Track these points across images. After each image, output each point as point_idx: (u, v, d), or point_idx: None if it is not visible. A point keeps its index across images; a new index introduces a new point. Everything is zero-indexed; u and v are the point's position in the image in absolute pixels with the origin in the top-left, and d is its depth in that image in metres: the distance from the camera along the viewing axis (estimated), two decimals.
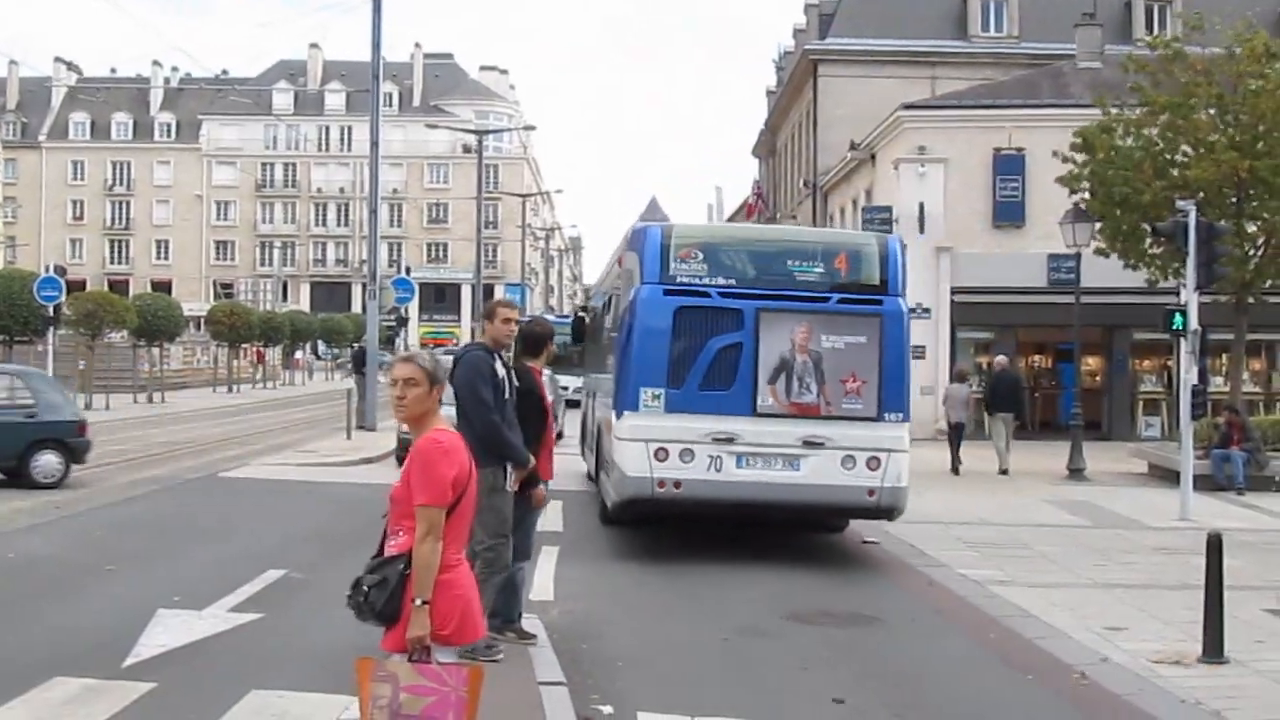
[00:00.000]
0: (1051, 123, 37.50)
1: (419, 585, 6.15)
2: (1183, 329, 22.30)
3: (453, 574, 6.30)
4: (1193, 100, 28.01)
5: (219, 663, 10.80)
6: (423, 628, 6.14)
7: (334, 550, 16.64)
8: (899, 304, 17.24)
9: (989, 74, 49.91)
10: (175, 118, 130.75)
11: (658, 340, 16.76)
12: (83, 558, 15.45)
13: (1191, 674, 10.97)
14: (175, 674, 10.28)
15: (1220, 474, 26.24)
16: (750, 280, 17.10)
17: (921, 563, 17.10)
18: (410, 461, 6.37)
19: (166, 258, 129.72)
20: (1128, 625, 12.95)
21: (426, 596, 6.15)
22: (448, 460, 6.27)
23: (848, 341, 16.88)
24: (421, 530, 6.17)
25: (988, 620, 13.48)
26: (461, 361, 10.92)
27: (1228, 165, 27.01)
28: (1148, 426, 40.22)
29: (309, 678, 10.24)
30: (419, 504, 6.23)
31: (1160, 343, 36.24)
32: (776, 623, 13.18)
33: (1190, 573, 13.92)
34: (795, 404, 16.85)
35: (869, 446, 16.86)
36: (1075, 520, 22.03)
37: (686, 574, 16.09)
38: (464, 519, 6.44)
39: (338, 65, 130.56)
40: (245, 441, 34.51)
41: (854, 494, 16.99)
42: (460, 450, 6.39)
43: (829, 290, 17.10)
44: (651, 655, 11.52)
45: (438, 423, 6.47)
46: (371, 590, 6.31)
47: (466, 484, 6.36)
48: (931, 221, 40.15)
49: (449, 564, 6.28)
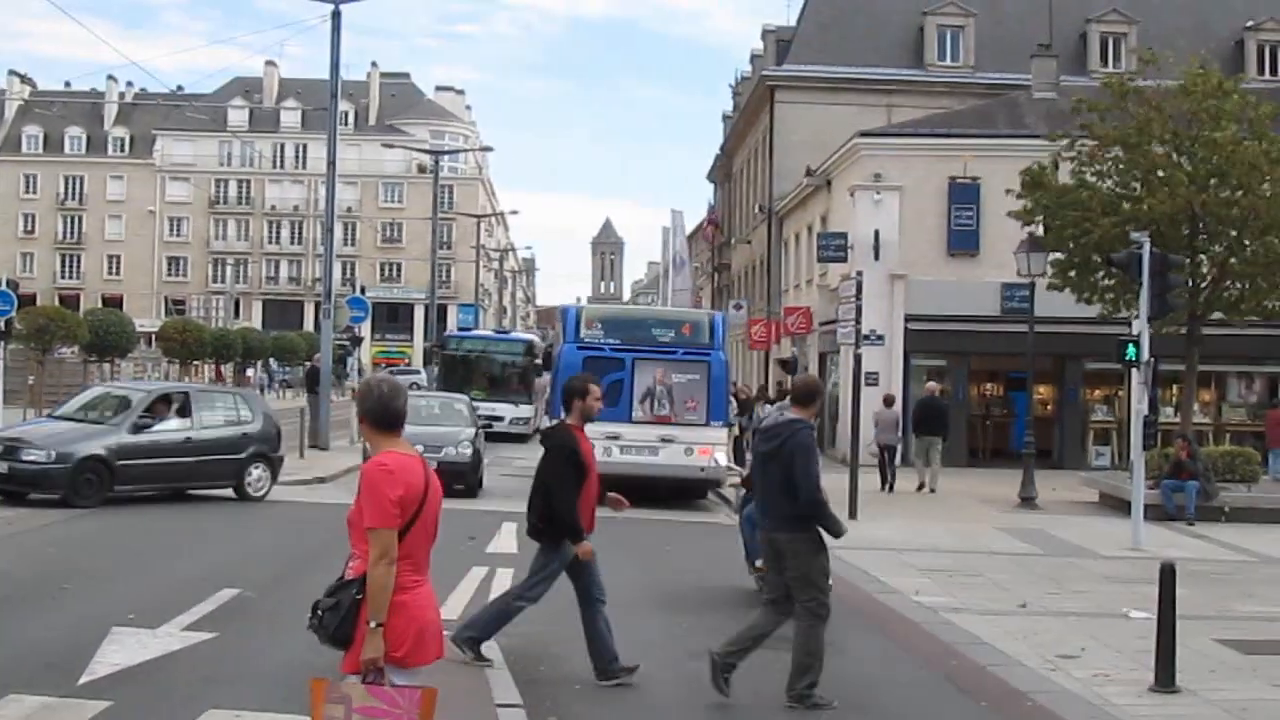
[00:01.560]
0: (1007, 152, 37.66)
1: (373, 608, 6.20)
2: (1135, 359, 22.43)
3: (408, 595, 6.32)
4: (1147, 134, 28.23)
5: (175, 681, 10.76)
6: (375, 650, 6.18)
7: (288, 569, 16.65)
8: (720, 355, 28.24)
9: (945, 103, 50.18)
10: (129, 133, 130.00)
11: (561, 380, 22.63)
12: (36, 575, 15.33)
13: (1144, 703, 11.06)
14: (131, 692, 10.23)
15: (1170, 504, 26.36)
16: (629, 341, 27.83)
17: (875, 589, 17.17)
18: (359, 485, 6.43)
19: (118, 273, 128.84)
20: (1079, 653, 13.03)
21: (381, 619, 6.19)
22: (391, 481, 6.30)
23: (688, 378, 27.50)
24: (374, 553, 6.21)
25: (941, 647, 13.55)
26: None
27: (1182, 199, 27.24)
28: (1098, 455, 40.42)
29: (265, 697, 10.23)
30: (368, 526, 6.28)
31: (1112, 372, 36.49)
32: None
33: (1142, 601, 14.04)
34: (656, 416, 27.30)
35: (701, 441, 27.14)
36: (1027, 548, 22.15)
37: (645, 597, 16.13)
38: (420, 540, 6.44)
39: (294, 83, 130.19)
40: None
41: (691, 471, 27.33)
42: (408, 471, 6.40)
43: (676, 347, 27.92)
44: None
45: (389, 445, 6.52)
46: (325, 614, 6.38)
47: (419, 505, 6.38)
48: (886, 249, 40.24)
49: (404, 585, 6.30)
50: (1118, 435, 39.56)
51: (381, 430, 6.59)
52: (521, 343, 53.73)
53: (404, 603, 6.28)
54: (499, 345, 52.86)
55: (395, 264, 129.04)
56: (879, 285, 38.18)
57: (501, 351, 51.33)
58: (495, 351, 51.49)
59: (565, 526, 11.48)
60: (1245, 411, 41.28)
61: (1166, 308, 23.01)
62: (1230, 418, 40.91)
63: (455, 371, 48.02)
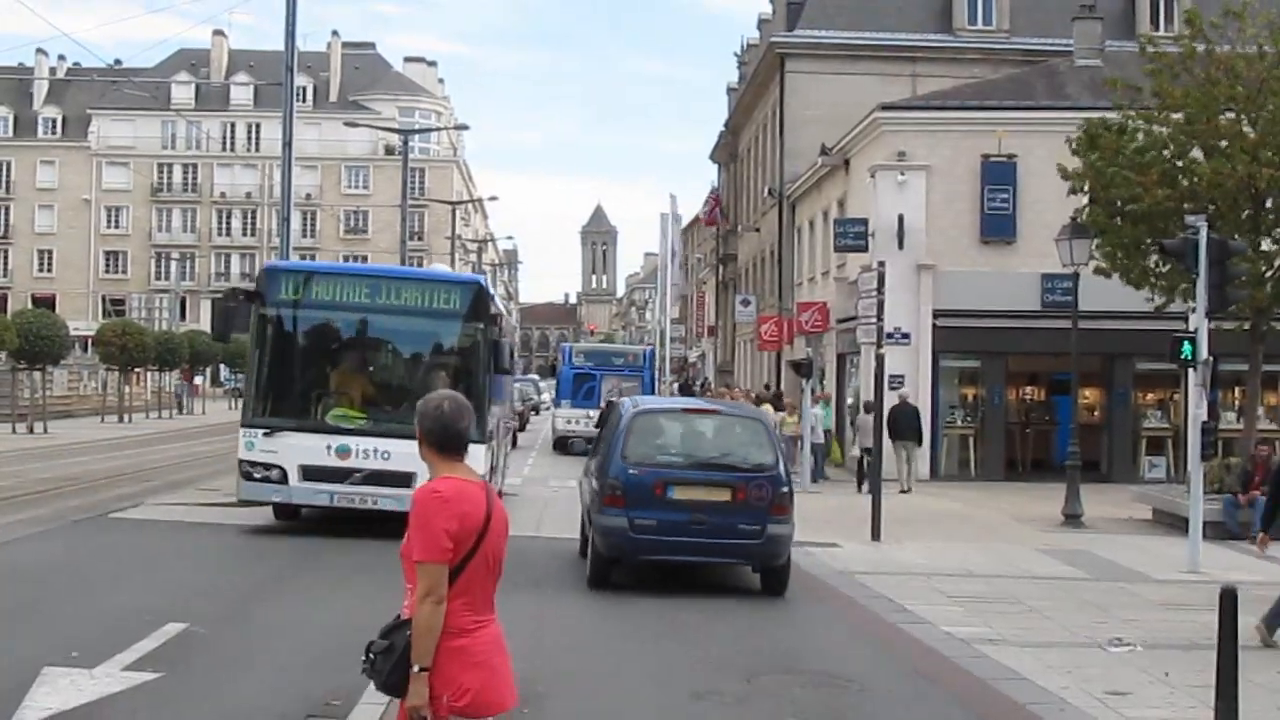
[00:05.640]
0: (1046, 127, 37.70)
1: (417, 650, 6.23)
2: (1192, 359, 22.37)
3: (469, 639, 6.35)
4: (1213, 99, 28.13)
5: None
6: (420, 697, 6.22)
7: (240, 601, 16.64)
8: (647, 373, 54.76)
9: (976, 72, 50.24)
10: (61, 113, 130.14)
11: (566, 385, 53.86)
12: None
13: None
14: None
15: (1233, 521, 26.31)
16: (599, 364, 54.74)
17: (901, 619, 17.17)
18: (410, 514, 6.42)
19: (50, 270, 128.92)
20: (1132, 690, 13.04)
21: (425, 663, 6.22)
22: (444, 511, 6.30)
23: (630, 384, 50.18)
24: (421, 590, 6.24)
25: (975, 683, 13.55)
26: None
27: (1243, 171, 27.11)
28: (1152, 467, 40.40)
29: None
30: (416, 560, 6.30)
31: (1166, 374, 36.49)
32: (739, 684, 13.22)
33: (1200, 631, 14.04)
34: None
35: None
36: (1072, 572, 22.15)
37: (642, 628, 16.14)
38: (479, 576, 6.44)
39: (245, 55, 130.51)
40: (140, 478, 34.33)
41: None
42: (466, 499, 6.40)
43: (624, 367, 54.78)
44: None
45: (449, 470, 6.54)
46: (378, 657, 6.40)
47: (478, 538, 6.37)
48: (912, 236, 40.21)
49: (464, 628, 6.34)
50: (1173, 445, 39.59)
51: (440, 453, 6.59)
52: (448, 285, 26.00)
53: (463, 647, 6.31)
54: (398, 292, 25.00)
55: (360, 256, 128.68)
56: (904, 277, 38.19)
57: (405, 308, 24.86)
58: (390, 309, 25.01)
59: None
60: None
61: (1227, 301, 22.95)
62: None
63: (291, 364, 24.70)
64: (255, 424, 22.85)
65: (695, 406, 25.52)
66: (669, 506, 18.67)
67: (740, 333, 71.21)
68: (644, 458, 19.27)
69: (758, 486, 18.95)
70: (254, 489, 22.84)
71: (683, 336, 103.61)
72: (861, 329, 28.67)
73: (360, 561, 19.65)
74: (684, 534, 18.61)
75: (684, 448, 20.04)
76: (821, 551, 23.49)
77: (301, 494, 22.61)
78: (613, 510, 18.80)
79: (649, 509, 18.64)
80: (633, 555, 19.19)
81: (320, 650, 13.90)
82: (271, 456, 22.39)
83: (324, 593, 17.32)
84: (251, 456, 22.54)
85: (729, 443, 20.22)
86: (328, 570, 18.87)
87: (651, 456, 19.43)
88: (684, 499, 18.73)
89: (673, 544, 18.78)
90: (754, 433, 20.42)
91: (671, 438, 20.31)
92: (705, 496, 18.82)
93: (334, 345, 24.32)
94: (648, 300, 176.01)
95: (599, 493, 19.31)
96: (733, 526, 18.72)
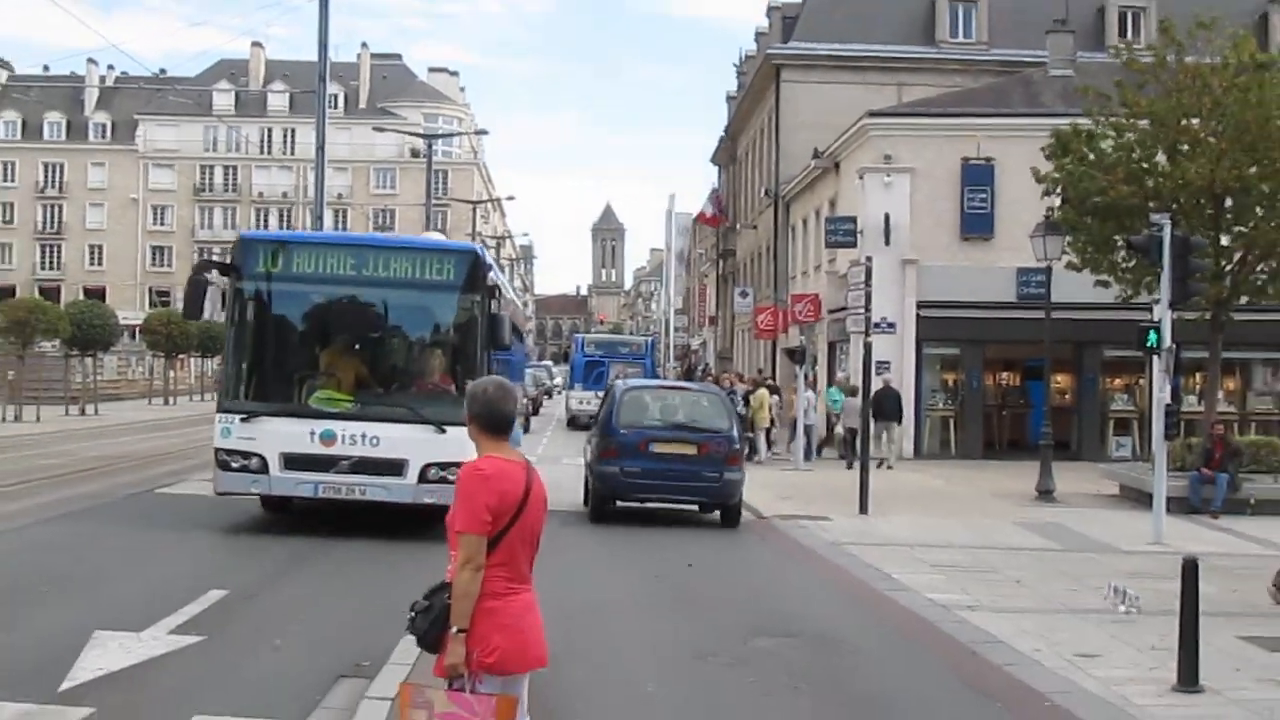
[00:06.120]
0: (1022, 132, 37.70)
1: (456, 613, 6.33)
2: (1156, 346, 22.34)
3: (500, 603, 6.43)
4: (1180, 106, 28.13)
5: (159, 687, 10.74)
6: (457, 656, 6.32)
7: (277, 569, 16.66)
8: (649, 359, 62.83)
9: (957, 81, 50.32)
10: (110, 118, 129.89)
11: (579, 370, 60.38)
12: (14, 578, 15.27)
13: (1166, 703, 11.05)
14: (114, 698, 10.20)
15: (1195, 497, 26.35)
16: (608, 352, 61.84)
17: (887, 586, 17.18)
18: (455, 488, 6.55)
19: (100, 264, 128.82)
20: (1100, 652, 13.02)
21: (463, 625, 6.32)
22: (485, 488, 6.40)
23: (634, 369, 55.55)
24: (461, 557, 6.35)
25: (955, 646, 13.55)
26: None
27: (1206, 172, 27.13)
28: (1119, 447, 40.44)
29: (253, 702, 10.20)
30: (456, 530, 6.41)
31: (1132, 360, 36.52)
32: (740, 647, 13.22)
33: (1164, 598, 14.00)
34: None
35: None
36: (1045, 543, 22.16)
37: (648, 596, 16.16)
38: (516, 547, 6.53)
39: (281, 65, 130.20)
40: (184, 456, 34.28)
41: None
42: (506, 477, 6.49)
43: (629, 355, 62.03)
44: (610, 681, 11.52)
45: (494, 449, 6.63)
46: (418, 616, 6.51)
47: (516, 512, 6.46)
48: (897, 233, 40.24)
49: (498, 592, 6.42)
50: (1139, 425, 39.61)
51: (487, 433, 6.67)
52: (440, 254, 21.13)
53: (495, 609, 6.40)
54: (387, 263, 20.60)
55: None
56: (890, 271, 38.10)
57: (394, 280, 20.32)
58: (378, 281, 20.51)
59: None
60: (1272, 400, 41.29)
61: (1189, 293, 22.91)
62: (1256, 406, 40.97)
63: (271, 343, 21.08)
64: (232, 409, 19.35)
65: (670, 385, 34.03)
66: (650, 458, 23.16)
67: (739, 322, 71.17)
68: (632, 422, 23.84)
69: (716, 444, 23.49)
70: (232, 479, 19.26)
71: (686, 326, 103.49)
72: (851, 319, 28.67)
73: (391, 532, 19.59)
74: (661, 478, 23.18)
75: (662, 415, 24.79)
76: (814, 524, 23.54)
77: (283, 484, 19.16)
78: (608, 460, 23.43)
79: (635, 460, 23.16)
80: (624, 494, 23.72)
81: (351, 616, 13.92)
82: (250, 444, 18.96)
83: (355, 562, 17.32)
84: (228, 444, 19.08)
85: (695, 412, 24.91)
86: (359, 541, 18.82)
87: (638, 421, 24.01)
88: (661, 452, 23.30)
89: (653, 485, 23.42)
90: (714, 404, 25.35)
91: (653, 408, 25.15)
92: (677, 450, 23.35)
93: (317, 322, 20.64)
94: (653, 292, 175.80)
95: (598, 449, 23.88)
96: (697, 473, 23.21)
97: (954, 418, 41.95)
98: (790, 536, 22.51)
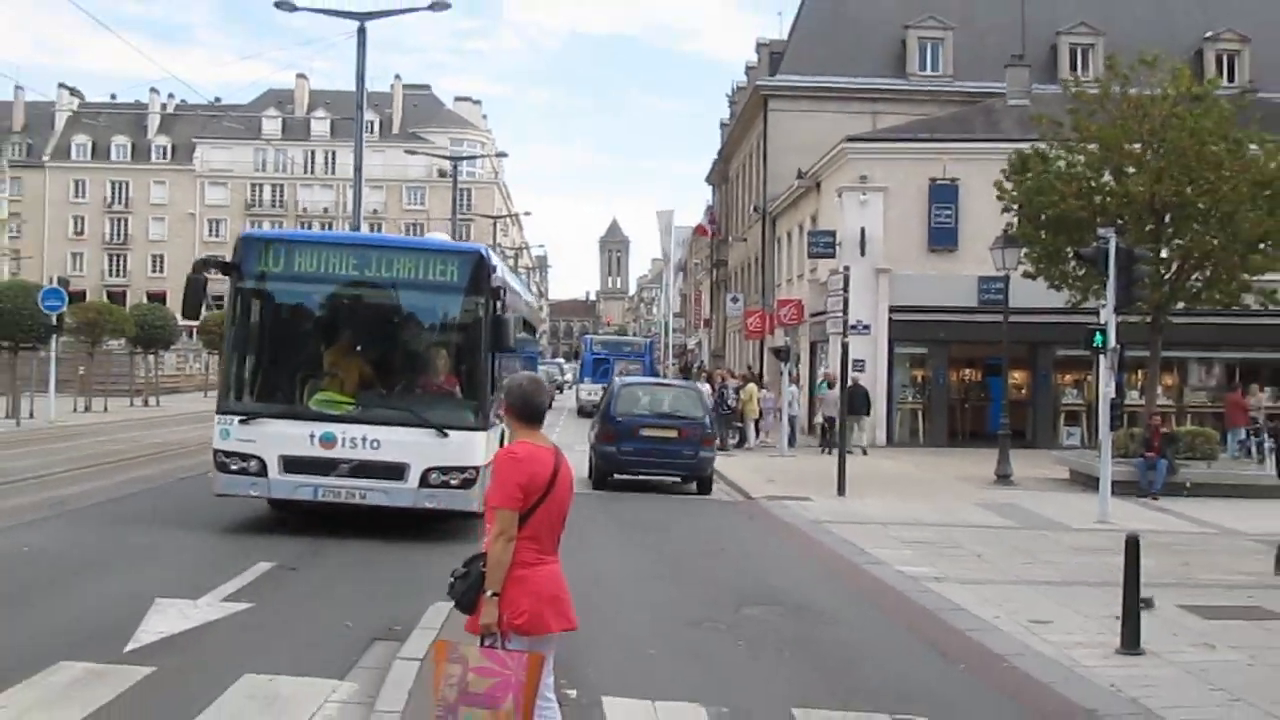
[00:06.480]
0: (983, 155, 37.64)
1: (490, 579, 6.45)
2: (1102, 346, 22.40)
3: (529, 571, 6.53)
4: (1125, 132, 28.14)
5: (213, 648, 10.75)
6: (490, 616, 6.44)
7: (318, 543, 16.63)
8: (648, 356, 67.33)
9: (926, 110, 50.23)
10: (171, 141, 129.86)
11: (588, 366, 63.45)
12: (84, 551, 15.31)
13: (1111, 664, 11.05)
14: (173, 659, 10.21)
15: (1144, 480, 26.38)
16: (613, 351, 65.62)
17: (862, 560, 17.17)
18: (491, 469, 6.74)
19: (161, 271, 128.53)
20: (1052, 619, 13.02)
21: (496, 589, 6.43)
22: (517, 469, 6.52)
23: (635, 365, 60.50)
24: (495, 530, 6.48)
25: (923, 613, 13.54)
26: None
27: (1148, 190, 27.18)
28: (1069, 436, 40.47)
29: (298, 662, 10.20)
30: (491, 505, 6.56)
31: (1081, 359, 36.41)
32: (729, 613, 13.22)
33: (1109, 571, 13.98)
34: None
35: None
36: (1003, 522, 22.15)
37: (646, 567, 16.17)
38: (547, 522, 6.63)
39: (323, 94, 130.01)
40: None
41: None
42: (535, 461, 6.60)
43: (631, 353, 65.99)
44: (614, 644, 11.51)
45: (527, 435, 6.75)
46: (457, 581, 6.65)
47: (544, 492, 6.56)
48: (872, 245, 40.30)
49: (527, 562, 6.52)
50: (1086, 417, 39.58)
51: (522, 422, 6.80)
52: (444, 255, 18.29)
53: (524, 577, 6.49)
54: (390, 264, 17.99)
55: None
56: (865, 279, 38.20)
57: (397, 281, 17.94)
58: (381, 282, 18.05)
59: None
60: (1205, 394, 41.27)
61: (1132, 298, 22.94)
62: (1191, 400, 40.91)
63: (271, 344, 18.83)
64: (231, 410, 17.32)
65: (656, 382, 38.45)
66: (641, 440, 25.86)
67: (730, 324, 70.99)
68: (626, 412, 26.58)
69: (693, 429, 26.15)
70: (230, 482, 17.21)
71: (683, 328, 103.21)
72: (830, 321, 28.73)
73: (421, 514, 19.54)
74: (649, 455, 25.94)
75: (650, 406, 27.26)
76: (796, 505, 23.51)
77: (282, 487, 17.05)
78: (607, 443, 26.17)
79: (629, 441, 25.85)
80: (620, 469, 26.22)
81: (386, 584, 13.91)
82: (249, 446, 16.96)
83: (388, 538, 17.25)
84: (227, 446, 17.10)
85: (676, 403, 27.55)
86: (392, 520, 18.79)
87: (631, 411, 26.65)
88: (650, 435, 25.95)
89: (643, 462, 26.10)
90: (691, 398, 28.34)
91: (643, 400, 27.65)
92: (662, 434, 26.01)
93: (318, 322, 18.33)
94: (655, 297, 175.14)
95: (599, 433, 26.90)
96: (678, 452, 25.94)
97: (922, 410, 41.99)
98: (775, 515, 22.49)
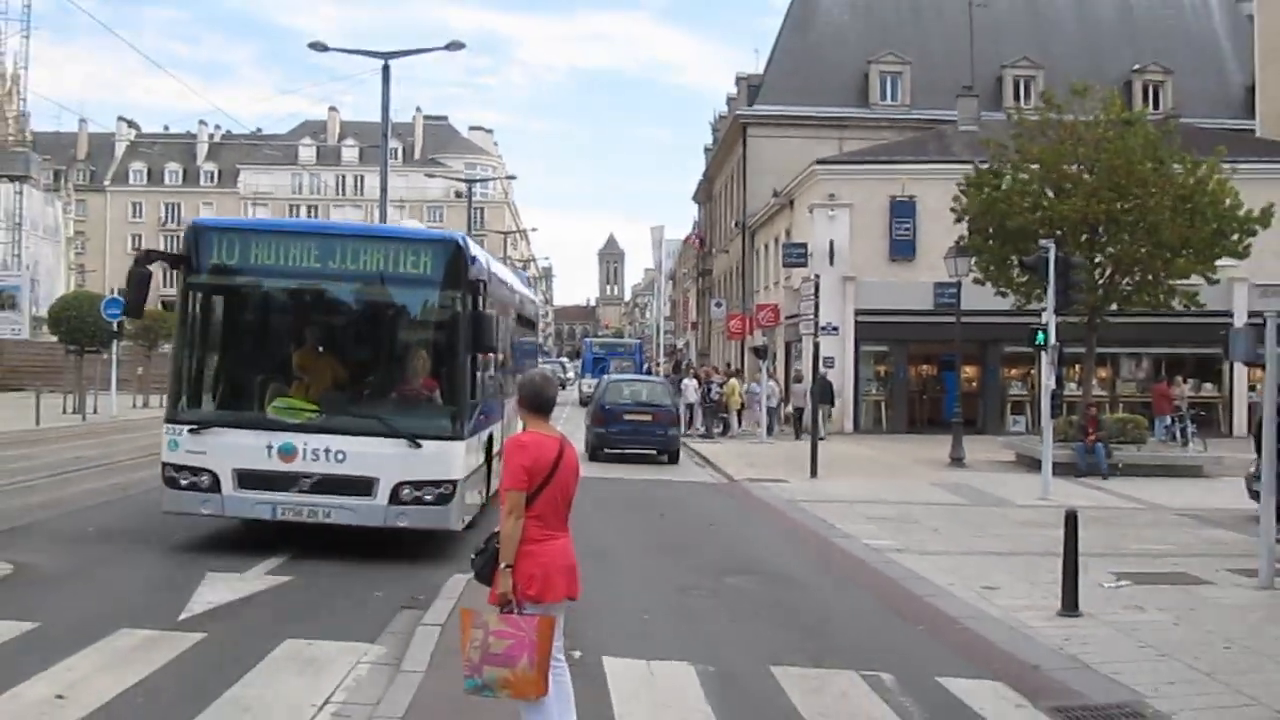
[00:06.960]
0: (937, 175, 37.63)
1: (503, 553, 6.54)
2: (1044, 344, 22.48)
3: (537, 546, 6.59)
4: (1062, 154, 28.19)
5: (258, 617, 10.77)
6: (505, 587, 6.52)
7: None
8: (640, 355, 76.86)
9: (886, 135, 50.12)
10: (218, 167, 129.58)
11: (588, 364, 69.75)
12: (145, 530, 15.29)
13: (1053, 625, 11.07)
14: (222, 626, 10.26)
15: (1083, 463, 26.37)
16: (609, 350, 74.44)
17: (832, 534, 17.18)
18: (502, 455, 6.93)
19: None
20: (1000, 585, 13.04)
21: (509, 562, 6.52)
22: (523, 453, 6.58)
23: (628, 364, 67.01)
24: (505, 509, 6.58)
25: (886, 581, 13.55)
26: None
27: (1083, 206, 27.23)
28: (1015, 423, 40.40)
29: (334, 629, 10.24)
30: (502, 487, 6.69)
31: (1025, 355, 36.35)
32: (714, 582, 13.24)
33: (1050, 543, 13.99)
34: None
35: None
36: (957, 500, 22.14)
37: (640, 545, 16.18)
38: (552, 502, 6.67)
39: (352, 125, 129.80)
40: None
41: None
42: (541, 447, 6.65)
43: (625, 352, 73.94)
44: (613, 610, 11.51)
45: (536, 425, 6.81)
46: (476, 557, 6.78)
47: (548, 474, 6.61)
48: (839, 255, 40.34)
49: (535, 538, 6.58)
50: (1030, 406, 39.51)
51: (532, 412, 6.86)
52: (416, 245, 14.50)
53: (532, 551, 6.56)
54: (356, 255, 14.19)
55: None
56: (833, 285, 38.33)
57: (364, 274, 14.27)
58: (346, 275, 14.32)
59: None
60: (1135, 386, 41.31)
61: (1069, 301, 22.98)
62: (1123, 391, 40.81)
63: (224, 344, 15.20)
64: (180, 419, 14.00)
65: (635, 378, 41.05)
66: (624, 423, 29.27)
67: (714, 326, 70.81)
68: (613, 401, 29.90)
69: (663, 413, 29.58)
70: (179, 499, 13.89)
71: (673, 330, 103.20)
72: (803, 323, 28.83)
73: None
74: (631, 434, 29.26)
75: (631, 396, 30.30)
76: (774, 485, 23.55)
77: (237, 505, 13.70)
78: (599, 425, 29.44)
79: (615, 424, 29.26)
80: (609, 445, 29.20)
81: (412, 559, 13.90)
82: (200, 459, 13.69)
83: None
84: (176, 459, 13.85)
85: (650, 395, 30.74)
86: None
87: (616, 400, 29.94)
88: (630, 419, 29.31)
89: (626, 439, 29.22)
90: (663, 390, 32.06)
91: (625, 392, 30.75)
92: (640, 418, 29.35)
93: (277, 321, 14.91)
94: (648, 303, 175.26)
95: (593, 418, 30.01)
96: (653, 431, 29.28)
97: (885, 401, 41.97)
98: (755, 495, 22.50)
